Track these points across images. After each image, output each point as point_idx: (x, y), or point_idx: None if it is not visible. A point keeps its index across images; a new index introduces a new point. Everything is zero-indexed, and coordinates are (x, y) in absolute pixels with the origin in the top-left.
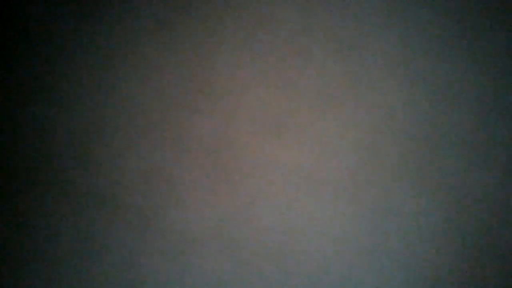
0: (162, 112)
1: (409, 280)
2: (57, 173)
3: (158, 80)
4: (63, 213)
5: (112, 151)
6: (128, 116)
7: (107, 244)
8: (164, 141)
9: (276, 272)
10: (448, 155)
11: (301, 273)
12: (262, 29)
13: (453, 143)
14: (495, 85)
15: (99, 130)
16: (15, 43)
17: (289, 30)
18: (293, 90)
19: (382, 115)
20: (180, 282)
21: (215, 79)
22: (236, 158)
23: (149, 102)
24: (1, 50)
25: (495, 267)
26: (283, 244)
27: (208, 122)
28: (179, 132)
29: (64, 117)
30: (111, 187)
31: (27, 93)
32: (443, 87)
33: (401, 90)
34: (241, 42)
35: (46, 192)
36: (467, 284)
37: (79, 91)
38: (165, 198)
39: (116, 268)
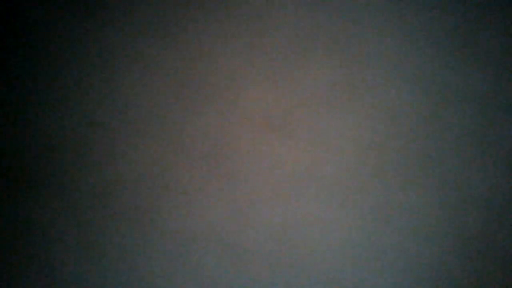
0: (161, 112)
1: (409, 279)
2: (56, 173)
3: (157, 80)
4: (61, 213)
5: (111, 151)
6: (127, 116)
7: (106, 244)
8: (164, 141)
9: (276, 272)
10: (448, 155)
11: (300, 273)
12: (262, 29)
13: (453, 143)
14: (495, 85)
15: (98, 130)
16: (15, 43)
17: (289, 29)
18: (293, 90)
19: (382, 115)
20: (180, 282)
21: (214, 79)
22: (236, 158)
23: (148, 102)
24: (1, 50)
25: (495, 267)
26: (283, 244)
27: (208, 122)
28: (178, 132)
29: (63, 117)
30: (110, 187)
31: (27, 93)
32: (443, 87)
33: (401, 90)
34: (241, 42)
35: (45, 192)
36: (467, 284)
37: (79, 91)
38: (164, 198)
39: (115, 268)
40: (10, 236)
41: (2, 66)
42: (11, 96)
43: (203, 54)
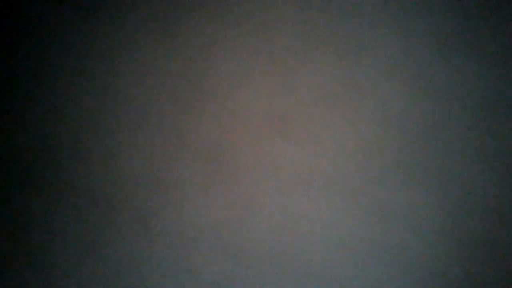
0: (160, 112)
1: (409, 280)
2: (56, 174)
3: (157, 80)
4: (61, 213)
5: (111, 152)
6: (127, 116)
7: (106, 245)
8: (163, 141)
9: (276, 273)
10: (448, 155)
11: (300, 274)
12: (262, 30)
13: (453, 143)
14: (495, 85)
15: (97, 131)
16: (15, 43)
17: (289, 30)
18: (293, 90)
19: (382, 115)
20: (180, 282)
21: (214, 79)
22: (235, 158)
23: (147, 103)
24: (1, 50)
25: (495, 267)
26: (283, 244)
27: (208, 122)
28: (177, 132)
29: (62, 117)
30: (109, 187)
31: (27, 93)
32: (443, 87)
33: (401, 90)
34: (241, 42)
35: (45, 192)
36: (467, 284)
37: (78, 92)
38: (164, 198)
39: (115, 268)
40: (9, 236)
41: (2, 66)
42: (11, 96)
43: (203, 54)
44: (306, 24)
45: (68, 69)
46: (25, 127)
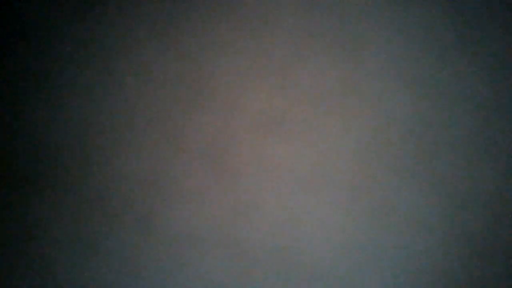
0: (161, 112)
1: (409, 279)
2: (55, 175)
3: (157, 81)
4: (62, 214)
5: (111, 152)
6: (127, 117)
7: (107, 245)
8: (164, 141)
9: (276, 272)
10: (448, 155)
11: (300, 272)
12: (261, 30)
13: (453, 143)
14: (495, 85)
15: (97, 131)
16: (14, 43)
17: (289, 30)
18: (293, 89)
19: (382, 115)
20: (179, 282)
21: (214, 79)
22: (236, 158)
23: (148, 103)
24: (1, 50)
25: (495, 267)
26: (282, 244)
27: (208, 122)
28: (178, 132)
29: (62, 118)
30: (110, 187)
31: (27, 93)
32: (443, 88)
33: (401, 90)
34: (241, 42)
35: (45, 193)
36: (467, 284)
37: (78, 92)
38: (163, 198)
39: (115, 269)
40: (9, 236)
41: (2, 67)
42: (11, 96)
43: (203, 54)
44: (305, 24)
45: (68, 69)
46: (25, 127)
